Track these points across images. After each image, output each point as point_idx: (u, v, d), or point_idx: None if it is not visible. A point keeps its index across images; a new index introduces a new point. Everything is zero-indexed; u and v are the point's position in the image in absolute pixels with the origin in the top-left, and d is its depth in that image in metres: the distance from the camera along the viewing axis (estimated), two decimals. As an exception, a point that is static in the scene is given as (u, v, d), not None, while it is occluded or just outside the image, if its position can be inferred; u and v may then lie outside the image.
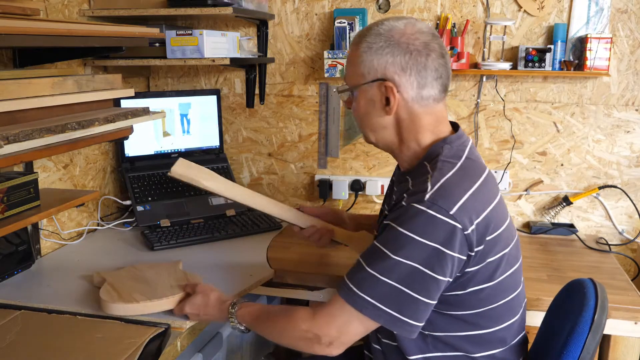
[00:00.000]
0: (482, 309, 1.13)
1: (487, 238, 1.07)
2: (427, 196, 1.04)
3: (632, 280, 1.81)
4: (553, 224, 2.10)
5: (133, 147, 2.12)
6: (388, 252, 1.04)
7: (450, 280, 1.06)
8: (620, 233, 2.06)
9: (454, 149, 1.14)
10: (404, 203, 1.07)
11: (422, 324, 1.08)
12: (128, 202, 2.10)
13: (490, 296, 1.12)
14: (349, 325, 1.09)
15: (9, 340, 1.23)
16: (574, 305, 1.19)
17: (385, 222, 1.09)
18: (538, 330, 1.34)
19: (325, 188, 2.27)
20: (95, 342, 1.22)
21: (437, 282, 1.05)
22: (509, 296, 1.16)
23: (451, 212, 1.03)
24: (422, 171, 1.14)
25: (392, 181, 1.37)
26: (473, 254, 1.06)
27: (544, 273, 1.69)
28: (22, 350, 1.20)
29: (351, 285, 1.08)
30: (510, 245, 1.15)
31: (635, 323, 1.46)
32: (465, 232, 1.04)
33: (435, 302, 1.08)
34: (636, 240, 2.04)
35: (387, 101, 1.13)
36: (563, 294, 1.32)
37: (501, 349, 1.18)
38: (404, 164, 1.22)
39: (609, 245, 1.98)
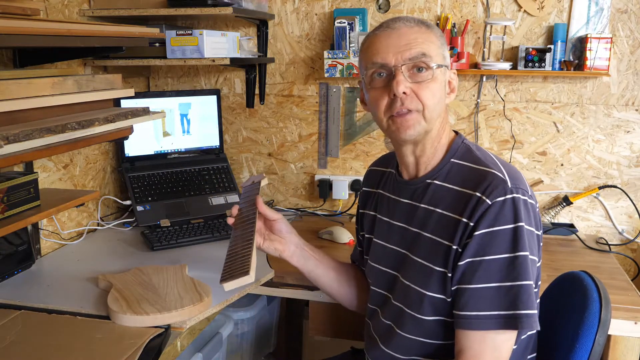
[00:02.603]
0: (535, 290, 1.12)
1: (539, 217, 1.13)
2: (509, 184, 1.04)
3: (632, 280, 1.81)
4: (553, 224, 2.10)
5: (133, 147, 2.12)
6: (523, 253, 1.01)
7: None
8: (620, 233, 2.07)
9: (472, 143, 1.19)
10: (489, 202, 1.03)
11: None
12: (128, 202, 2.10)
13: (539, 276, 1.14)
14: (501, 350, 1.03)
15: (9, 340, 1.23)
16: (576, 301, 1.18)
17: (478, 232, 1.03)
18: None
19: (325, 188, 2.27)
20: (95, 342, 1.22)
21: (536, 264, 1.08)
22: (539, 282, 1.17)
23: (529, 193, 1.07)
24: (462, 170, 1.12)
25: (377, 198, 1.30)
26: (541, 232, 1.11)
27: (544, 273, 1.68)
28: (22, 350, 1.20)
29: (522, 312, 1.01)
30: None
31: (635, 323, 1.46)
32: (537, 210, 1.10)
33: None
34: (636, 240, 2.04)
35: (449, 89, 1.17)
36: (557, 289, 1.32)
37: (529, 334, 1.17)
38: (427, 164, 1.17)
39: (609, 245, 1.98)
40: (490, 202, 1.03)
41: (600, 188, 2.05)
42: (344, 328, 1.70)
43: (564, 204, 2.08)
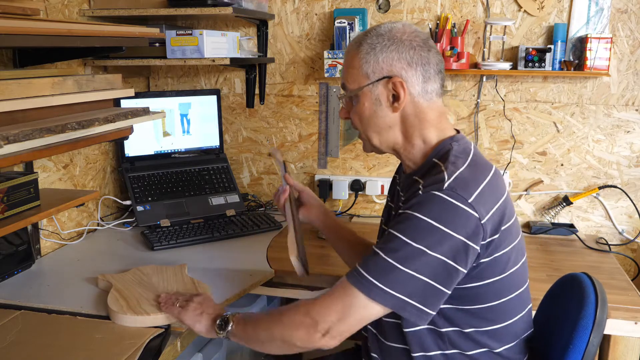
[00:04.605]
0: (497, 302, 1.13)
1: (502, 228, 1.10)
2: (446, 185, 1.05)
3: (632, 280, 1.81)
4: (553, 224, 2.10)
5: (133, 147, 2.12)
6: (408, 240, 1.03)
7: (466, 272, 1.07)
8: (620, 233, 2.07)
9: (461, 146, 1.17)
10: (420, 192, 1.06)
11: (434, 313, 1.07)
12: (128, 202, 2.10)
13: (504, 289, 1.14)
14: (351, 310, 1.06)
15: (9, 340, 1.23)
16: (573, 301, 1.18)
17: (401, 210, 1.07)
18: (533, 327, 1.34)
19: (325, 188, 2.27)
20: (95, 342, 1.23)
21: (458, 273, 1.06)
22: (519, 290, 1.17)
23: (469, 201, 1.04)
24: (433, 168, 1.14)
25: (395, 189, 1.34)
26: (486, 243, 1.07)
27: (544, 273, 1.69)
28: (22, 350, 1.20)
29: (361, 271, 1.06)
30: (518, 239, 1.18)
31: (635, 323, 1.46)
32: (482, 222, 1.05)
33: (450, 293, 1.08)
34: (636, 240, 2.04)
35: (394, 98, 1.15)
36: (557, 290, 1.32)
37: (513, 344, 1.18)
38: (410, 163, 1.21)
39: (609, 245, 1.98)
40: (421, 193, 1.06)
41: (600, 188, 2.05)
42: (344, 328, 1.70)
43: (564, 204, 2.08)
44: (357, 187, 2.24)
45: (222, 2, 1.85)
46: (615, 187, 2.04)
